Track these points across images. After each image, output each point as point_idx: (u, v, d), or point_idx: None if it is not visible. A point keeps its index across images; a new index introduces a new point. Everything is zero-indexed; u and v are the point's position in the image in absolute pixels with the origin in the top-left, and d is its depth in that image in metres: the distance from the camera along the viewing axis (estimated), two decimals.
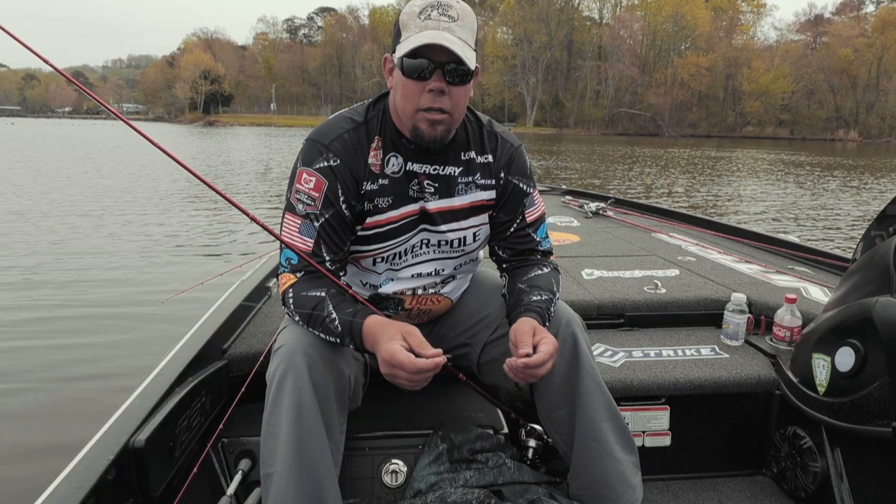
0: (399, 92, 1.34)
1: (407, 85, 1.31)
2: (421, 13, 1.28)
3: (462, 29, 1.29)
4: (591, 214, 4.39)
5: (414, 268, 1.53)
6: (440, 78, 1.29)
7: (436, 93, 1.30)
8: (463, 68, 1.29)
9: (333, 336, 1.31)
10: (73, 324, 4.65)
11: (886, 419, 1.43)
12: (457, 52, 1.25)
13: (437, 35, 1.25)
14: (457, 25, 1.29)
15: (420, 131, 1.34)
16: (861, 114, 70.37)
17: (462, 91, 1.33)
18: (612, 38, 79.08)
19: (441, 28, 1.27)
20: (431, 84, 1.29)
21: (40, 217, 9.05)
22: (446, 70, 1.29)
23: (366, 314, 1.30)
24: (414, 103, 1.32)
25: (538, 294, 1.45)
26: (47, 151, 23.36)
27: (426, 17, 1.28)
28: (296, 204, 1.38)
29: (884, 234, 1.75)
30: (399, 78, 1.32)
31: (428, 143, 1.36)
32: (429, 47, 1.26)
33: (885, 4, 76.75)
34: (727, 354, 2.03)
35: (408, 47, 1.26)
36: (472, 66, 1.30)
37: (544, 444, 1.70)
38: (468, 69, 1.30)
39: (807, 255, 3.03)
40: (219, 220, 9.25)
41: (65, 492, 1.15)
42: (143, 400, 1.45)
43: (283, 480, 1.27)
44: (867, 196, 14.25)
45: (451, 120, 1.35)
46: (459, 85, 1.32)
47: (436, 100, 1.30)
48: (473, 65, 1.30)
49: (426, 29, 1.27)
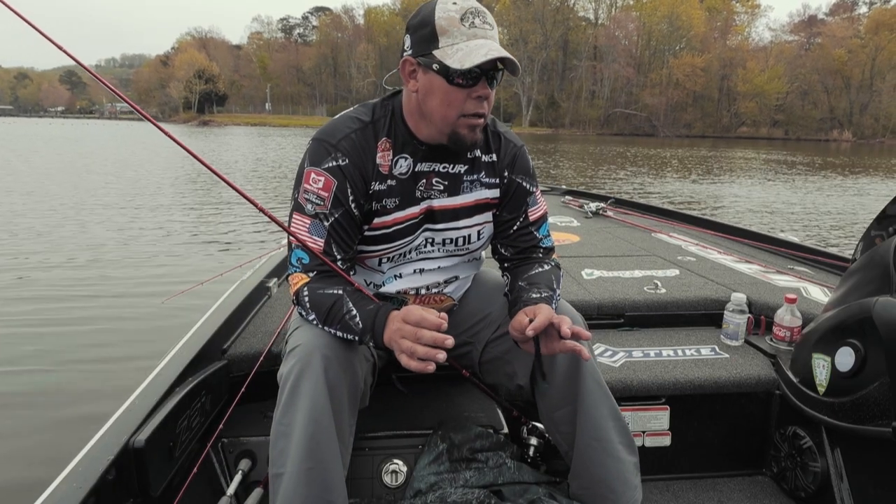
0: (437, 98, 1.33)
1: (451, 92, 1.31)
2: (463, 19, 1.28)
3: (495, 34, 1.32)
4: (591, 214, 4.40)
5: (418, 264, 1.53)
6: (486, 84, 1.32)
7: (481, 98, 1.33)
8: (499, 71, 1.32)
9: (352, 333, 1.31)
10: (72, 323, 4.63)
11: (886, 419, 1.43)
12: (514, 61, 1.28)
13: (496, 47, 1.28)
14: (495, 33, 1.32)
15: (461, 136, 1.36)
16: (855, 114, 70.65)
17: (492, 94, 1.37)
18: (608, 39, 79.20)
19: (488, 37, 1.29)
20: (479, 91, 1.32)
21: (39, 216, 9.02)
22: (490, 77, 1.32)
23: (388, 310, 1.30)
24: (457, 110, 1.33)
25: (538, 291, 1.45)
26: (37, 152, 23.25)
27: (470, 24, 1.28)
28: (304, 204, 1.37)
29: (884, 234, 1.75)
30: (439, 84, 1.31)
31: (469, 147, 1.41)
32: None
33: (877, 6, 77.17)
34: (727, 354, 2.04)
35: (468, 61, 1.25)
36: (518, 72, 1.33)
37: (545, 444, 1.69)
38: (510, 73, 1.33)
39: (807, 255, 3.04)
40: (219, 220, 9.24)
41: (65, 492, 1.14)
42: (143, 400, 1.45)
43: (293, 481, 1.26)
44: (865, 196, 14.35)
45: (484, 122, 1.39)
46: (494, 87, 1.35)
47: (480, 105, 1.33)
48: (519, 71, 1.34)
49: (475, 38, 1.28)
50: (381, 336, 1.27)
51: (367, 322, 1.29)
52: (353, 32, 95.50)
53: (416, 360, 1.20)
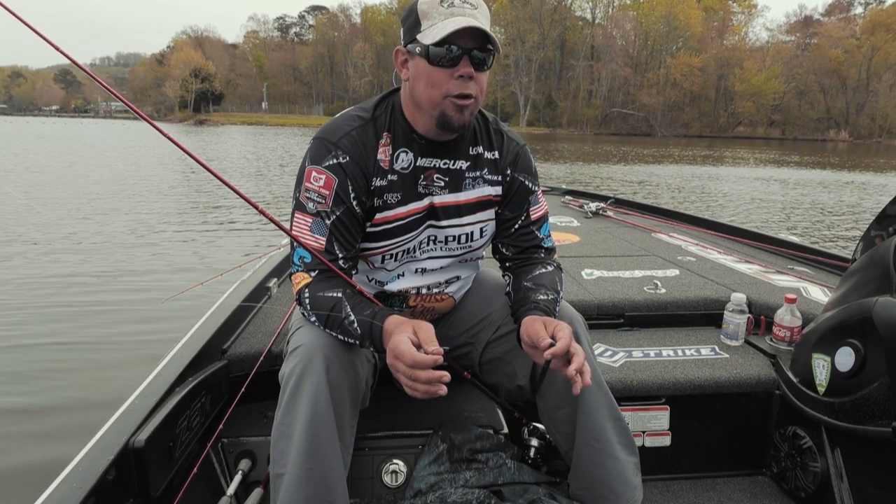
0: (423, 81, 1.33)
1: (434, 73, 1.31)
2: (443, 1, 1.28)
3: (482, 16, 1.31)
4: (591, 214, 4.41)
5: (420, 263, 1.53)
6: (468, 63, 1.30)
7: (465, 79, 1.31)
8: (488, 53, 1.31)
9: (352, 338, 1.31)
10: (72, 323, 4.62)
11: (886, 419, 1.43)
12: (490, 34, 1.27)
13: (469, 20, 1.26)
14: (479, 13, 1.30)
15: (448, 117, 1.34)
16: (851, 114, 70.76)
17: (484, 77, 1.35)
18: (605, 38, 79.21)
19: (467, 14, 1.28)
20: (461, 70, 1.30)
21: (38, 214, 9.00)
22: (473, 56, 1.30)
23: (385, 315, 1.29)
24: (441, 90, 1.32)
25: (544, 293, 1.45)
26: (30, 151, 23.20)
27: (449, 4, 1.28)
28: (306, 202, 1.37)
29: (884, 234, 1.75)
30: (423, 67, 1.32)
31: (456, 129, 1.37)
32: (456, 34, 1.26)
33: (872, 6, 77.33)
34: (727, 354, 2.04)
35: (439, 34, 1.26)
36: (499, 49, 1.32)
37: (546, 444, 1.69)
38: (494, 53, 1.32)
39: (807, 255, 3.04)
40: (220, 220, 9.22)
41: (65, 492, 1.14)
42: (143, 400, 1.44)
43: (293, 482, 1.26)
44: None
45: (475, 105, 1.36)
46: (483, 70, 1.33)
47: (465, 85, 1.31)
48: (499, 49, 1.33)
49: (452, 16, 1.27)
50: (380, 343, 1.27)
51: (365, 329, 1.29)
52: (350, 31, 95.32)
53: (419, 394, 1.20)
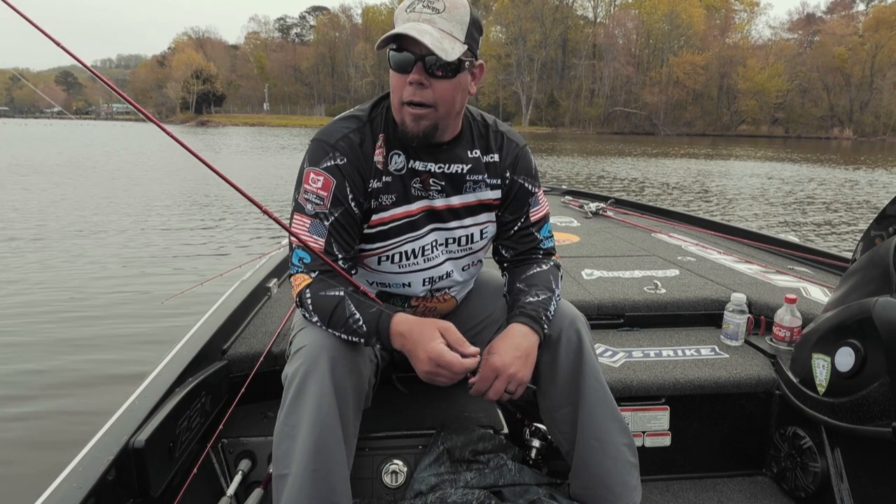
0: (391, 85, 1.35)
1: (392, 77, 1.33)
2: (409, 7, 1.29)
3: (447, 21, 1.27)
4: (591, 214, 4.40)
5: (421, 264, 1.53)
6: (420, 70, 1.28)
7: (416, 85, 1.29)
8: (441, 60, 1.26)
9: (358, 336, 1.31)
10: (72, 323, 4.64)
11: (886, 419, 1.43)
12: (426, 42, 1.22)
13: (411, 27, 1.24)
14: (440, 17, 1.27)
15: (405, 125, 1.35)
16: (855, 112, 70.55)
17: (447, 85, 1.31)
18: (607, 37, 79.11)
19: (421, 20, 1.26)
20: (411, 76, 1.29)
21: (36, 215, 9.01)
22: (427, 62, 1.27)
23: (391, 312, 1.30)
24: (398, 96, 1.33)
25: (535, 294, 1.45)
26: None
27: (411, 9, 1.28)
28: (304, 204, 1.38)
29: (884, 234, 1.75)
30: (391, 72, 1.33)
31: (412, 139, 1.35)
32: (410, 40, 1.25)
33: (875, 3, 77.03)
34: (727, 354, 2.04)
35: (383, 39, 1.27)
36: (451, 57, 1.25)
37: (548, 445, 1.69)
38: (445, 61, 1.26)
39: (807, 255, 3.04)
40: (219, 220, 9.23)
41: (65, 492, 1.14)
42: (143, 400, 1.45)
43: (297, 483, 1.26)
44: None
45: (435, 115, 1.33)
46: (443, 78, 1.30)
47: (416, 92, 1.30)
48: (454, 56, 1.26)
49: (408, 21, 1.27)
50: (388, 339, 1.28)
51: (372, 326, 1.29)
52: (351, 32, 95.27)
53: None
